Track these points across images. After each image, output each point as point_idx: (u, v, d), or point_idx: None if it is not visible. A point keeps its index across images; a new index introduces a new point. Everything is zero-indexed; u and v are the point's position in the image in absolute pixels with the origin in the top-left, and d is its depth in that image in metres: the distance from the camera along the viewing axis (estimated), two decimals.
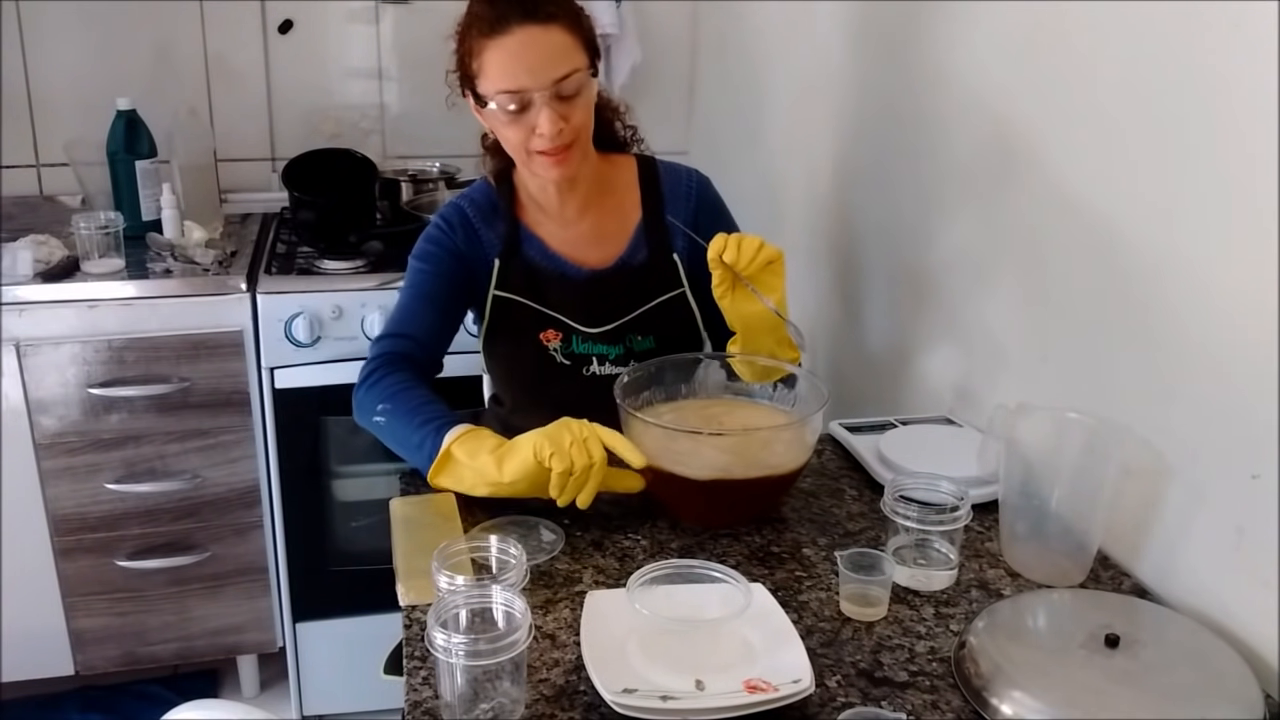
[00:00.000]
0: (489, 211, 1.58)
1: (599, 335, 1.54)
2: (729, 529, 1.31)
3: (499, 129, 1.46)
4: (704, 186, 1.62)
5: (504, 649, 0.93)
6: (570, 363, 1.55)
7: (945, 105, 1.60)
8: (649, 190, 1.60)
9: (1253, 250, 1.04)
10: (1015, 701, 0.96)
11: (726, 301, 1.40)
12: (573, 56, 1.41)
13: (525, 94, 1.39)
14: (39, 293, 2.03)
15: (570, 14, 1.42)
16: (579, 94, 1.42)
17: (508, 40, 1.39)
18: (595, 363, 1.55)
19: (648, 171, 1.61)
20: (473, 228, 1.57)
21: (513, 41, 1.39)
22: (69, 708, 2.32)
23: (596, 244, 1.58)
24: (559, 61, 1.39)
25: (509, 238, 1.56)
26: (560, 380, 1.55)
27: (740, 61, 2.40)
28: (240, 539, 2.23)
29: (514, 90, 1.39)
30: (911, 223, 1.71)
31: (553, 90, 1.39)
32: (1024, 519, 1.22)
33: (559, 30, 1.40)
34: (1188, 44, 1.12)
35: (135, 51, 2.48)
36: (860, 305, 1.90)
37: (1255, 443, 1.05)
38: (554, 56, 1.39)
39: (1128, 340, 1.24)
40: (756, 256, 1.36)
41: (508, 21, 1.38)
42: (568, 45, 1.40)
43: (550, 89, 1.39)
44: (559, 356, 1.55)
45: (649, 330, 1.56)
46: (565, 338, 1.55)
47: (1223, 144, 1.09)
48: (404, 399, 1.41)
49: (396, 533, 1.28)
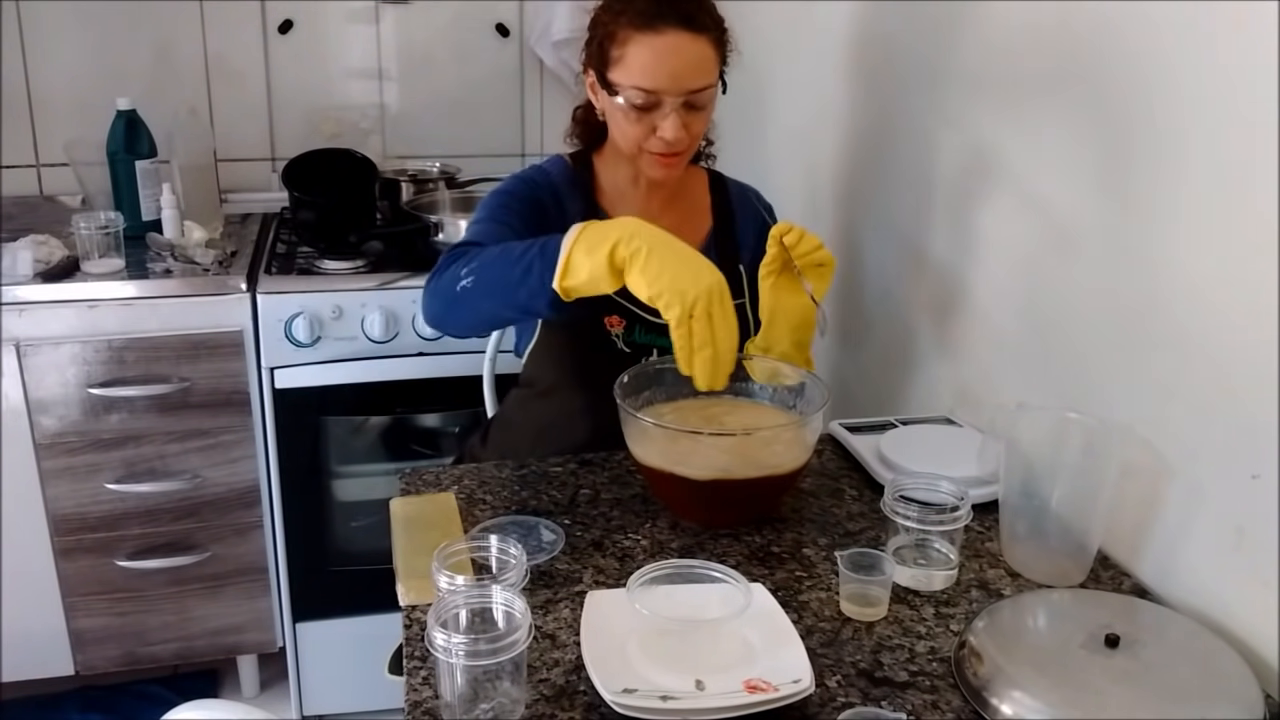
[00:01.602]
0: (569, 187, 1.57)
1: (662, 327, 1.51)
2: (729, 529, 1.31)
3: (617, 118, 1.46)
4: (770, 211, 1.67)
5: (504, 649, 0.93)
6: (630, 351, 1.54)
7: (945, 105, 1.60)
8: (719, 203, 1.63)
9: (1252, 250, 1.04)
10: (1015, 701, 0.96)
11: (769, 283, 1.40)
12: (712, 70, 1.43)
13: (660, 95, 1.41)
14: (39, 293, 2.03)
15: (719, 28, 1.45)
16: (706, 107, 1.45)
17: (659, 40, 1.39)
18: (656, 354, 1.54)
19: (718, 185, 1.65)
20: (558, 193, 1.55)
21: (663, 43, 1.39)
22: (69, 708, 2.32)
23: None
24: (700, 73, 1.41)
25: (586, 213, 1.54)
26: (616, 368, 1.49)
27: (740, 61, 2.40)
28: (240, 539, 2.23)
29: (650, 90, 1.41)
30: (912, 222, 1.71)
31: (687, 99, 1.41)
32: (1024, 519, 1.22)
33: (707, 42, 1.42)
34: (1188, 44, 1.12)
35: (135, 51, 2.49)
36: (860, 305, 1.90)
37: (1255, 443, 1.05)
38: (698, 67, 1.41)
39: (1128, 340, 1.24)
40: (813, 253, 1.37)
41: (664, 21, 1.39)
42: (710, 59, 1.43)
43: (685, 97, 1.41)
44: (620, 343, 1.54)
45: None
46: (629, 326, 1.54)
47: (1223, 143, 1.08)
48: (491, 252, 1.31)
49: (396, 533, 1.28)
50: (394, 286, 2.14)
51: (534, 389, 1.64)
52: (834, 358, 2.01)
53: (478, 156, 2.67)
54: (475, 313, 1.34)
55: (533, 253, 1.25)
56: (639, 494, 1.38)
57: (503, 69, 2.71)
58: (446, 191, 2.50)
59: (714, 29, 1.43)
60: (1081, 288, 1.32)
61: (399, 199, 2.45)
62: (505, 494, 1.39)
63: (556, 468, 1.45)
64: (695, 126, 1.45)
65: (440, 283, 1.35)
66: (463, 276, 1.31)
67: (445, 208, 2.46)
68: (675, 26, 1.39)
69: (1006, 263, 1.48)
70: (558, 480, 1.42)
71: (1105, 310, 1.27)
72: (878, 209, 1.82)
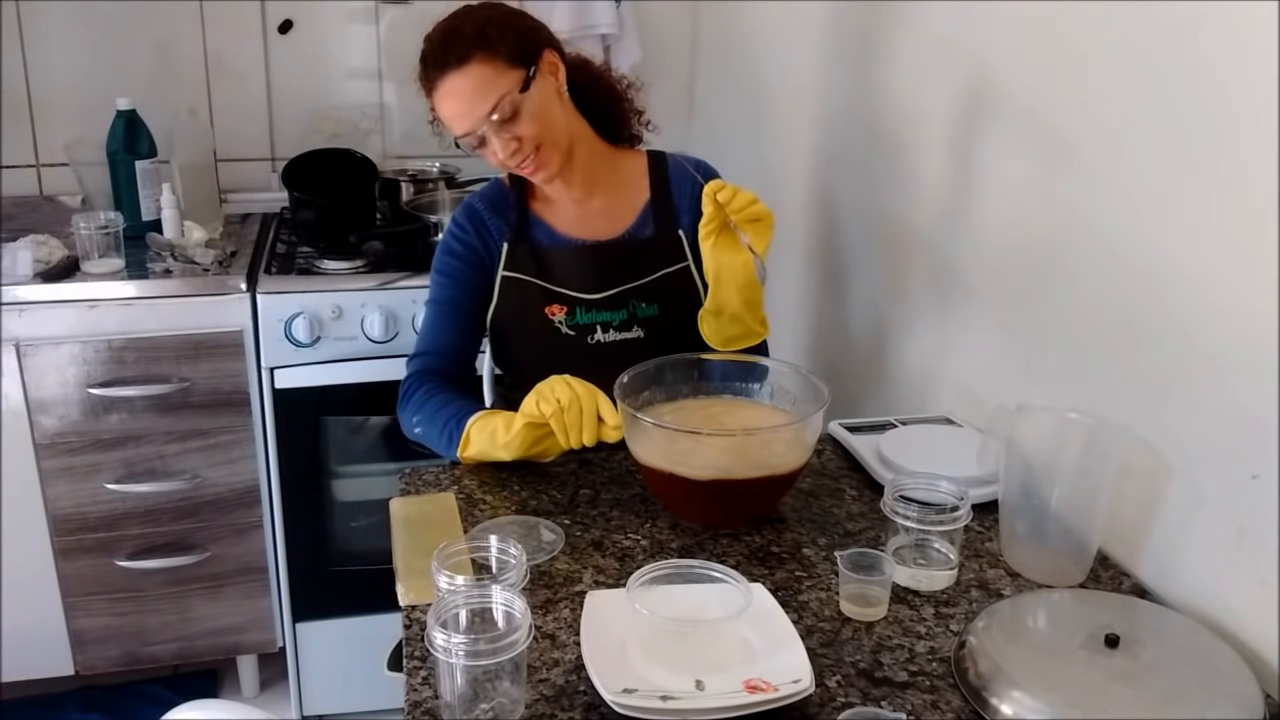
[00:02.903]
0: (499, 203, 1.64)
1: (602, 301, 1.57)
2: (729, 529, 1.31)
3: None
4: (709, 173, 1.68)
5: (504, 649, 0.93)
6: (575, 333, 1.57)
7: (945, 105, 1.60)
8: (657, 176, 1.66)
9: (1252, 250, 1.04)
10: (1015, 701, 0.96)
11: (710, 243, 1.44)
12: (495, 85, 1.45)
13: (470, 134, 1.48)
14: (39, 293, 2.03)
15: (482, 42, 1.46)
16: (518, 112, 1.47)
17: (439, 93, 1.48)
18: (600, 330, 1.58)
19: (657, 163, 1.67)
20: (483, 221, 1.62)
21: (441, 93, 1.48)
22: (69, 708, 2.32)
23: (604, 220, 1.63)
24: (481, 98, 1.46)
25: (518, 224, 1.62)
26: (566, 351, 1.57)
27: (740, 61, 2.40)
28: (240, 539, 2.22)
29: (461, 134, 1.49)
30: (911, 222, 1.71)
31: (490, 124, 1.46)
32: (1024, 519, 1.22)
33: (475, 66, 1.45)
34: (1188, 44, 1.12)
35: (135, 51, 2.48)
36: (860, 305, 1.90)
37: (1255, 443, 1.05)
38: (476, 95, 1.46)
39: (1128, 340, 1.24)
40: (748, 208, 1.41)
41: (436, 74, 1.48)
42: (487, 77, 1.45)
43: (486, 123, 1.46)
44: (564, 328, 1.57)
45: (653, 299, 1.59)
46: (570, 310, 1.58)
47: (1223, 143, 1.09)
48: (430, 406, 1.52)
49: (396, 533, 1.28)
50: (394, 286, 2.14)
51: (507, 381, 1.72)
52: (834, 358, 2.01)
53: (478, 156, 2.66)
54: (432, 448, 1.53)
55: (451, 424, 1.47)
56: (639, 494, 1.38)
57: None
58: (446, 191, 2.50)
59: (476, 49, 1.45)
60: (1082, 288, 1.32)
61: (399, 199, 2.45)
62: (505, 494, 1.39)
63: (557, 467, 1.45)
64: (524, 131, 1.48)
65: (404, 417, 1.57)
66: (414, 424, 1.54)
67: (445, 208, 2.45)
68: (440, 74, 1.47)
69: (1007, 262, 1.48)
70: (558, 480, 1.42)
71: (1105, 310, 1.27)
72: (877, 209, 1.82)
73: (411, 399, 1.56)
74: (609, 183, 1.64)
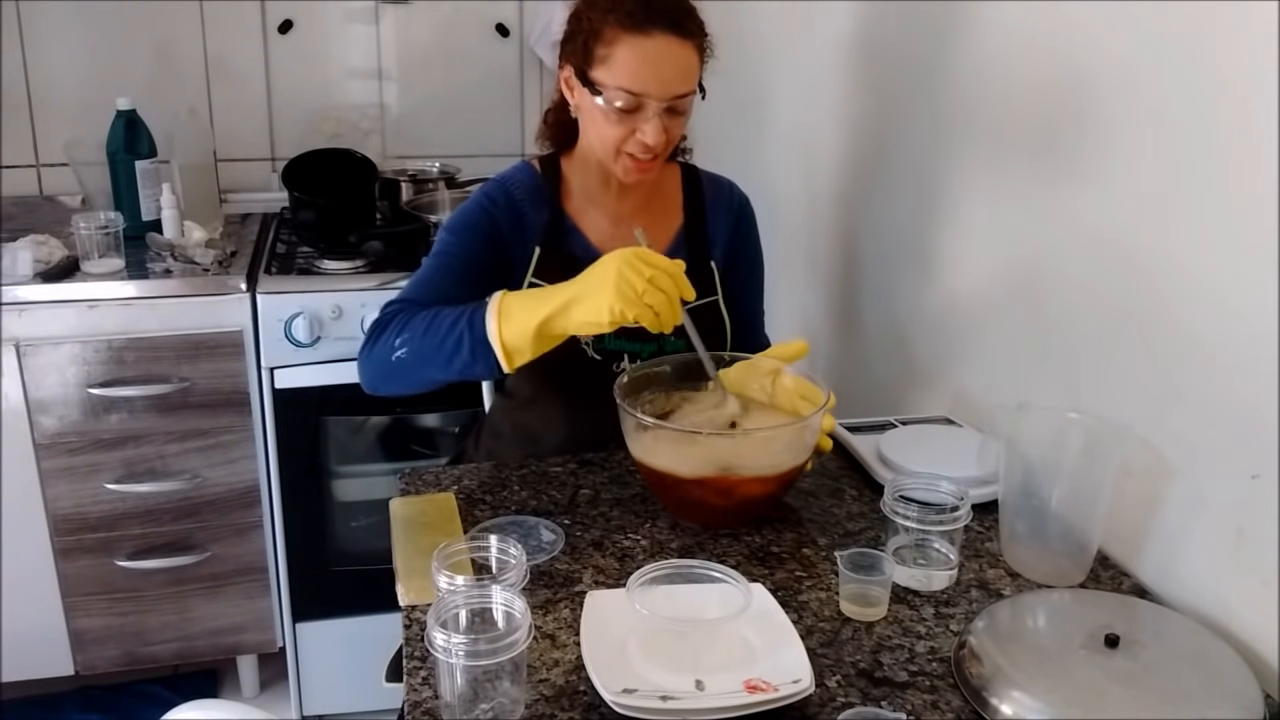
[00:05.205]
0: (534, 196, 1.54)
1: (633, 332, 1.51)
2: (729, 529, 1.31)
3: (596, 118, 1.44)
4: (744, 204, 1.66)
5: (504, 649, 0.93)
6: (600, 358, 1.53)
7: (945, 107, 1.60)
8: (691, 198, 1.62)
9: (1253, 249, 1.04)
10: (1015, 701, 0.96)
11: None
12: (695, 76, 1.43)
13: (644, 99, 1.39)
14: (39, 293, 2.03)
15: (703, 34, 1.44)
16: (686, 112, 1.45)
17: (647, 43, 1.37)
18: (626, 359, 1.53)
19: (691, 179, 1.63)
20: (519, 210, 1.53)
21: (652, 46, 1.37)
22: (69, 708, 2.32)
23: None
24: (684, 79, 1.41)
25: (552, 227, 1.53)
26: (587, 376, 1.52)
27: (740, 61, 2.40)
28: (240, 539, 2.23)
29: (636, 92, 1.39)
30: (912, 223, 1.71)
31: (670, 104, 1.41)
32: (1024, 519, 1.22)
33: (693, 49, 1.41)
34: (1188, 44, 1.12)
35: (135, 51, 2.49)
36: (860, 305, 1.90)
37: (1255, 443, 1.05)
38: (683, 73, 1.40)
39: (1128, 340, 1.24)
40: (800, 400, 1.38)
41: (654, 25, 1.37)
42: (694, 65, 1.42)
43: (669, 102, 1.40)
44: (590, 351, 1.53)
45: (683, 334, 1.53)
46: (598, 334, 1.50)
47: (1223, 143, 1.08)
48: (422, 319, 1.36)
49: (396, 533, 1.28)
50: (394, 286, 2.14)
51: (515, 400, 1.63)
52: (834, 358, 2.01)
53: (477, 156, 2.67)
54: (417, 380, 1.38)
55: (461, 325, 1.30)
56: (639, 494, 1.38)
57: (502, 69, 2.71)
58: (446, 191, 2.50)
59: (699, 35, 1.43)
60: (1081, 288, 1.32)
61: (399, 199, 2.45)
62: (505, 494, 1.39)
63: (556, 468, 1.45)
64: (674, 130, 1.44)
65: (375, 351, 1.39)
66: (397, 347, 1.35)
67: (445, 208, 2.46)
68: (664, 30, 1.37)
69: (1007, 262, 1.48)
70: (558, 480, 1.42)
71: (1105, 310, 1.27)
72: (877, 208, 1.82)
73: (389, 325, 1.39)
74: (649, 205, 1.58)
